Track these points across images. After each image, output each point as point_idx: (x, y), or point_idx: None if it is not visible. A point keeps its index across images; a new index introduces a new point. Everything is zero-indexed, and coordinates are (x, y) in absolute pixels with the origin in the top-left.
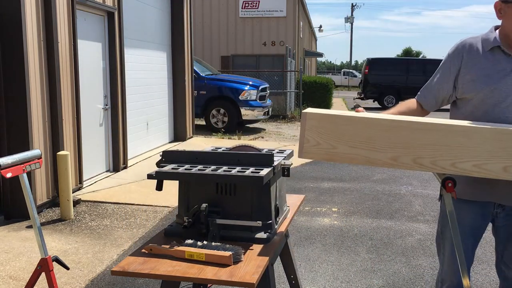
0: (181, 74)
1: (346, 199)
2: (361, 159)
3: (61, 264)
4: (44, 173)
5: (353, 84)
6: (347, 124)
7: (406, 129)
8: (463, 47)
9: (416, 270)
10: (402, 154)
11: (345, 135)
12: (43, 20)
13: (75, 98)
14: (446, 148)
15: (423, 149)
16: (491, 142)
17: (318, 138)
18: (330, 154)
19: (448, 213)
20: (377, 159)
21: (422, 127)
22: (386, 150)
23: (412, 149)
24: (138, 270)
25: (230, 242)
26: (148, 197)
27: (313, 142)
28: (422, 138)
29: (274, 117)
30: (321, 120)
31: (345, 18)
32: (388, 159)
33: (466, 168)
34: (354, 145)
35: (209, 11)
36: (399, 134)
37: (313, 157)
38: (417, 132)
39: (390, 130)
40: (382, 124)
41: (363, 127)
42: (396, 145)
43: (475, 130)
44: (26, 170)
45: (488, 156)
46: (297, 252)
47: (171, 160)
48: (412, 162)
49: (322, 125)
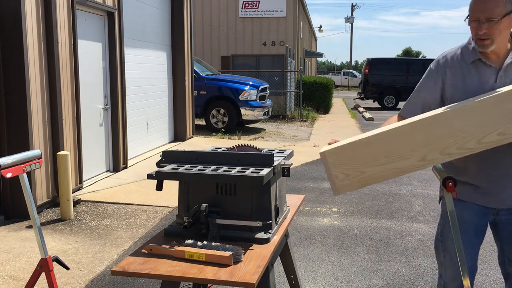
0: (181, 74)
1: (346, 199)
2: (392, 172)
3: (61, 264)
4: (44, 173)
5: (353, 84)
6: (365, 146)
7: (420, 129)
8: (445, 62)
9: (416, 270)
10: (428, 152)
11: (367, 157)
12: (43, 20)
13: (75, 98)
14: (464, 130)
15: (444, 140)
16: (501, 112)
17: (345, 170)
18: (362, 180)
19: (448, 212)
20: (407, 166)
21: (434, 121)
22: (412, 155)
23: (434, 144)
24: (138, 270)
25: (230, 242)
26: (148, 197)
27: (341, 176)
28: (438, 131)
29: (274, 117)
30: (340, 153)
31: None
32: (418, 161)
33: (492, 139)
34: (380, 163)
35: (209, 11)
36: (416, 136)
37: (349, 189)
38: (432, 127)
39: (406, 136)
40: (397, 134)
41: (381, 144)
42: (418, 147)
43: (484, 105)
44: (26, 170)
45: (504, 120)
46: (297, 252)
47: (171, 160)
48: (440, 155)
49: (343, 158)
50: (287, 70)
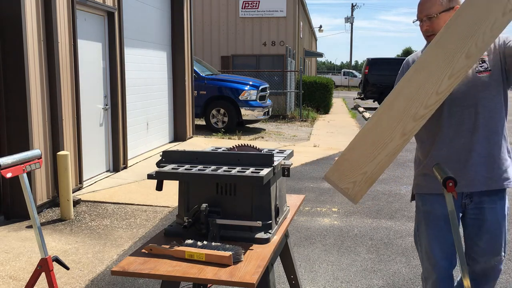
0: (181, 74)
1: (346, 199)
2: (387, 159)
3: (61, 264)
4: (44, 173)
5: (353, 84)
6: (353, 151)
7: (386, 113)
8: (407, 64)
9: (416, 270)
10: (404, 126)
11: (360, 158)
12: (43, 20)
13: (75, 98)
14: (420, 91)
15: (409, 108)
16: (441, 57)
17: (350, 179)
18: (368, 179)
19: (449, 212)
20: (395, 147)
21: (394, 99)
22: (393, 136)
23: (405, 117)
24: (138, 270)
25: (230, 242)
26: (148, 197)
27: (351, 185)
28: (400, 105)
29: (274, 117)
30: (338, 168)
31: (345, 18)
32: (401, 138)
33: (446, 84)
34: (373, 156)
35: (209, 11)
36: (384, 121)
37: (362, 193)
38: (393, 106)
39: (378, 124)
40: (370, 128)
41: (363, 142)
42: (393, 127)
43: (424, 61)
44: (26, 170)
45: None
46: (297, 252)
47: (171, 160)
48: (414, 122)
49: (342, 170)
50: (287, 70)
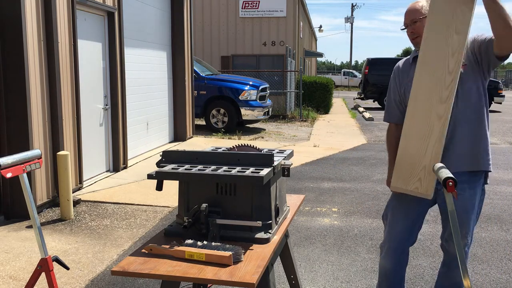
0: (181, 74)
1: (346, 199)
2: (437, 145)
3: (61, 264)
4: (44, 173)
5: (353, 84)
6: (404, 154)
7: (415, 110)
8: (397, 68)
9: (416, 270)
10: (436, 110)
11: (414, 158)
12: (43, 20)
13: (75, 98)
14: (434, 78)
15: (433, 95)
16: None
17: (414, 178)
18: (430, 170)
19: (449, 212)
20: (438, 131)
21: (415, 93)
22: (431, 123)
23: (433, 104)
24: (138, 270)
25: (230, 242)
26: (148, 197)
27: (418, 183)
28: (423, 96)
29: (274, 117)
30: (400, 175)
31: (345, 18)
32: (440, 121)
33: (453, 63)
34: (424, 149)
35: (209, 11)
36: (419, 116)
37: (432, 184)
38: (418, 99)
39: (413, 122)
40: (407, 127)
41: (409, 142)
42: (428, 117)
43: (423, 50)
44: (26, 170)
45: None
46: (297, 252)
47: (171, 160)
48: (443, 104)
49: (404, 175)
50: (287, 70)
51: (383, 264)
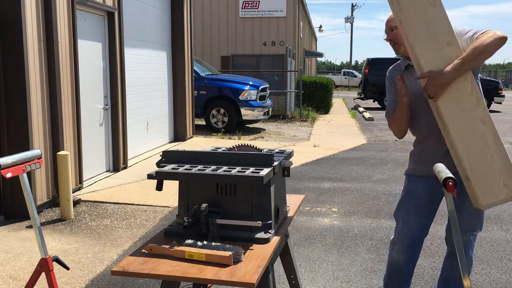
0: (181, 74)
1: (346, 199)
2: (497, 143)
3: (61, 264)
4: (44, 173)
5: (353, 84)
6: (475, 170)
7: (455, 120)
8: (389, 73)
9: (416, 270)
10: (477, 113)
11: (485, 168)
12: (43, 20)
13: (75, 98)
14: (459, 100)
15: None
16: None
17: (499, 186)
18: (508, 170)
19: (449, 212)
20: (489, 131)
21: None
22: (476, 126)
23: (467, 108)
24: (138, 270)
25: (230, 242)
26: (148, 197)
27: (505, 189)
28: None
29: (274, 117)
30: (485, 191)
31: (345, 18)
32: (486, 125)
33: (454, 53)
34: (488, 154)
35: (209, 11)
36: (461, 125)
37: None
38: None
39: (459, 133)
40: (457, 142)
41: (469, 156)
42: (470, 123)
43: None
44: (26, 170)
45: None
46: (297, 252)
47: (171, 160)
48: (478, 108)
49: (487, 188)
50: (287, 70)
51: (396, 260)
